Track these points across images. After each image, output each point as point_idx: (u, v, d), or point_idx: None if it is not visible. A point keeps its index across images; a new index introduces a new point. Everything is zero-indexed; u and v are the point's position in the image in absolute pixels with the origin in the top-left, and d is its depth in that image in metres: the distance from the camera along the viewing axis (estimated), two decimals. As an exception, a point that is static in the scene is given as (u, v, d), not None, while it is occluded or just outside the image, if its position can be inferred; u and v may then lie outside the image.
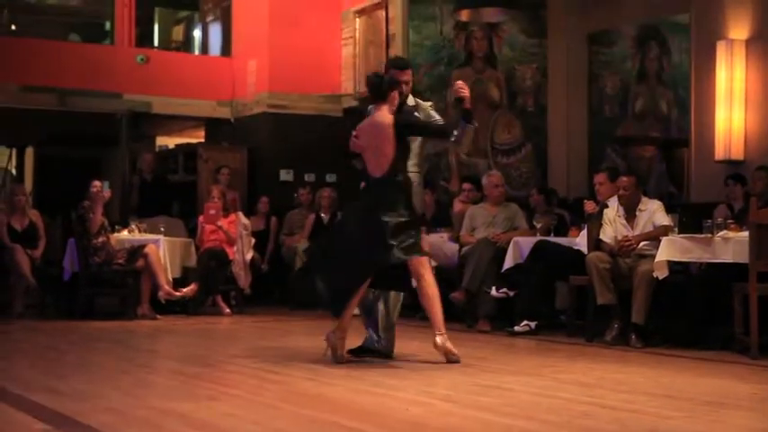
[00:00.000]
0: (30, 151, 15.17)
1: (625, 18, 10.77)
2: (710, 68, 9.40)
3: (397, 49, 11.01)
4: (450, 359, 5.89)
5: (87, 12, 14.40)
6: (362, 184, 6.06)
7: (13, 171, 15.38)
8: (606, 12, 10.94)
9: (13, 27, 14.02)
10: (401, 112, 6.07)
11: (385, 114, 5.95)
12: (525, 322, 7.81)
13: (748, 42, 9.21)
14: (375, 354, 6.12)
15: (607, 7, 10.89)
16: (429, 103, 6.48)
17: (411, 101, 6.28)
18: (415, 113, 6.22)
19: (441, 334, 5.91)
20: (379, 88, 6.00)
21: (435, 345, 5.91)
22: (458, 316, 8.50)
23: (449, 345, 5.92)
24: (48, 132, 12.89)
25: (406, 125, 6.00)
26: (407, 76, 6.23)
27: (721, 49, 9.27)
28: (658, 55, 11.97)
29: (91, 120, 12.40)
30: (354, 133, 6.02)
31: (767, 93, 9.10)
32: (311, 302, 8.03)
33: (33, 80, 11.78)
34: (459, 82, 6.19)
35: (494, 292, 8.10)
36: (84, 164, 13.04)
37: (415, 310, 7.88)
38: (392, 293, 6.17)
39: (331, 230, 6.00)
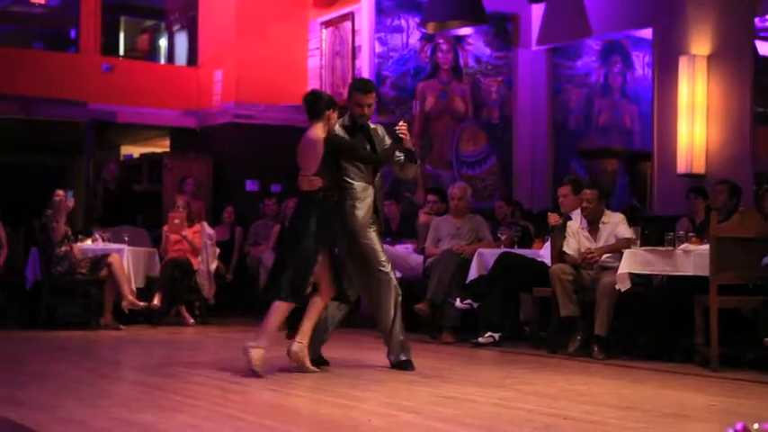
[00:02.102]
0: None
1: (589, 32, 10.87)
2: (673, 83, 9.51)
3: (363, 61, 11.05)
4: (302, 369, 5.90)
5: (52, 20, 14.29)
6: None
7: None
8: (571, 26, 11.04)
9: (-23, 35, 13.91)
10: (354, 134, 6.18)
11: (315, 131, 5.98)
12: (489, 333, 7.84)
13: (710, 58, 9.33)
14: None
15: (571, 21, 10.99)
16: (381, 128, 6.43)
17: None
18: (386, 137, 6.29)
19: (300, 342, 5.93)
20: (312, 106, 6.02)
21: (289, 352, 5.92)
22: (422, 327, 8.54)
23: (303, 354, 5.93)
24: (11, 140, 12.77)
25: (336, 146, 6.03)
26: (370, 99, 6.24)
27: (683, 64, 9.38)
28: (622, 69, 12.12)
29: (55, 128, 12.31)
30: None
31: (728, 108, 9.22)
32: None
33: (-4, 88, 11.69)
34: (401, 123, 6.20)
35: (458, 303, 8.13)
36: (47, 172, 12.93)
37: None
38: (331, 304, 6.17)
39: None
